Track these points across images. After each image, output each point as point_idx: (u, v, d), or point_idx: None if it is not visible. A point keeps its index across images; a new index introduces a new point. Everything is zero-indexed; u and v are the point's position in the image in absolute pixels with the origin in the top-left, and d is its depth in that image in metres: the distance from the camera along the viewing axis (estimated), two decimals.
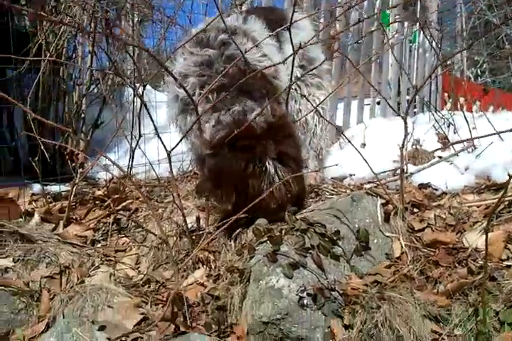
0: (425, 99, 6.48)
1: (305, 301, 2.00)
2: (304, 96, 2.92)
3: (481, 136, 2.89)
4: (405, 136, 2.39)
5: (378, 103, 5.97)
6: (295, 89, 3.07)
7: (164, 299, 2.24)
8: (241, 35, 2.76)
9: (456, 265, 2.18)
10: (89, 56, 3.95)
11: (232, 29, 2.73)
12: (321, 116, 2.88)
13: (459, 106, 5.97)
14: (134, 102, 3.13)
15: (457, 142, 3.28)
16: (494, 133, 2.86)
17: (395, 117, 5.57)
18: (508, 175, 1.63)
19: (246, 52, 2.36)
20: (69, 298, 2.19)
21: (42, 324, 2.09)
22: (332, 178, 3.23)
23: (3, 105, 3.65)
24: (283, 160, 2.41)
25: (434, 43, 7.42)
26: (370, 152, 3.21)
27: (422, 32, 7.02)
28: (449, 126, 3.95)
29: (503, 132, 2.87)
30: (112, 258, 2.61)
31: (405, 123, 2.34)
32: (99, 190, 3.23)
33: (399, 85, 6.49)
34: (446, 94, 8.07)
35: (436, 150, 3.47)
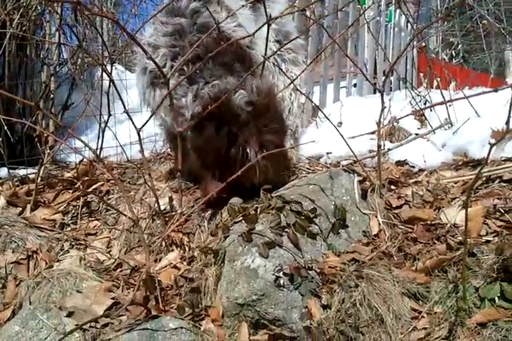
0: (401, 76, 6.42)
1: (281, 281, 1.94)
2: (284, 72, 2.82)
3: (456, 99, 2.80)
4: (382, 109, 2.31)
5: (355, 85, 5.91)
6: (273, 63, 2.98)
7: (136, 283, 2.16)
8: (214, 3, 2.65)
9: (435, 241, 2.13)
10: (57, 34, 3.81)
11: None
12: (298, 90, 2.78)
13: (434, 85, 5.94)
14: (102, 80, 3.01)
15: (429, 107, 3.22)
16: (464, 97, 2.75)
17: (372, 96, 5.53)
18: (489, 143, 1.57)
19: (220, 22, 2.27)
20: (36, 283, 2.11)
21: (7, 311, 2.00)
22: (308, 157, 3.17)
23: None
24: (267, 149, 2.31)
25: (410, 19, 7.39)
26: (347, 130, 3.15)
27: (398, 10, 6.96)
28: (425, 104, 3.90)
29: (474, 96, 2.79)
30: (82, 242, 2.52)
31: (382, 96, 2.27)
32: (68, 172, 3.13)
33: (375, 66, 6.42)
34: (421, 74, 8.04)
35: (406, 116, 3.39)
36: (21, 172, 3.18)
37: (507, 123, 1.54)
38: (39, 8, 3.66)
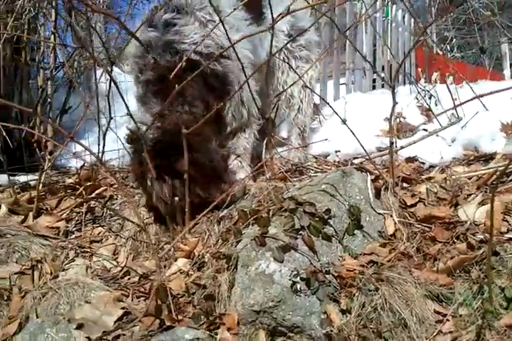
0: (406, 71, 6.36)
1: (298, 286, 1.87)
2: (293, 69, 2.74)
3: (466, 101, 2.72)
4: (394, 105, 2.24)
5: (353, 83, 5.88)
6: (283, 60, 2.90)
7: (146, 291, 2.08)
8: (189, 14, 2.45)
9: (455, 240, 2.06)
10: (52, 36, 3.73)
11: (179, 6, 2.46)
12: (308, 88, 2.71)
13: (432, 80, 5.90)
14: (108, 82, 2.91)
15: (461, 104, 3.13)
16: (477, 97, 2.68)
17: (373, 91, 5.47)
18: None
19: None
20: (42, 294, 2.03)
21: (13, 325, 1.92)
22: (315, 156, 3.10)
23: None
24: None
25: (407, 14, 7.34)
26: (351, 128, 3.09)
27: (394, 5, 6.92)
28: (430, 98, 3.83)
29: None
30: (88, 250, 2.44)
31: (393, 91, 2.19)
32: (69, 177, 3.04)
33: (374, 62, 6.37)
34: (420, 70, 8.01)
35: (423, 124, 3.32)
36: (21, 178, 3.10)
37: None
38: (33, 11, 3.58)
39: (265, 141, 2.66)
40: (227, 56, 2.42)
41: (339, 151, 3.05)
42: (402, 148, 2.59)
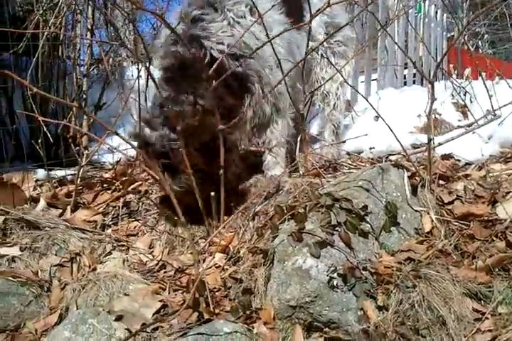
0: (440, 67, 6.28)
1: (335, 282, 1.87)
2: (332, 64, 2.72)
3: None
4: (432, 101, 2.21)
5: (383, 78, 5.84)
6: (321, 55, 2.89)
7: (183, 284, 2.11)
8: (219, 11, 2.43)
9: (494, 238, 2.04)
10: (88, 34, 3.78)
11: (211, 1, 2.44)
12: (349, 84, 2.69)
13: (465, 76, 5.82)
14: (138, 77, 2.94)
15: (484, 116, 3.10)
16: None
17: (405, 88, 5.42)
18: None
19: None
20: (81, 286, 2.07)
21: (54, 316, 1.96)
22: (349, 152, 3.08)
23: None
24: None
25: (439, 12, 7.26)
26: (384, 124, 3.07)
27: (427, 1, 6.84)
28: (465, 95, 3.78)
29: None
30: (124, 243, 2.48)
31: (432, 87, 2.16)
32: (106, 172, 3.09)
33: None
34: (451, 65, 7.91)
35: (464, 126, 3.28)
36: (58, 173, 3.15)
37: None
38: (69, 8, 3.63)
39: (299, 137, 2.66)
40: (249, 55, 2.40)
41: (373, 148, 3.03)
42: (440, 144, 2.56)
